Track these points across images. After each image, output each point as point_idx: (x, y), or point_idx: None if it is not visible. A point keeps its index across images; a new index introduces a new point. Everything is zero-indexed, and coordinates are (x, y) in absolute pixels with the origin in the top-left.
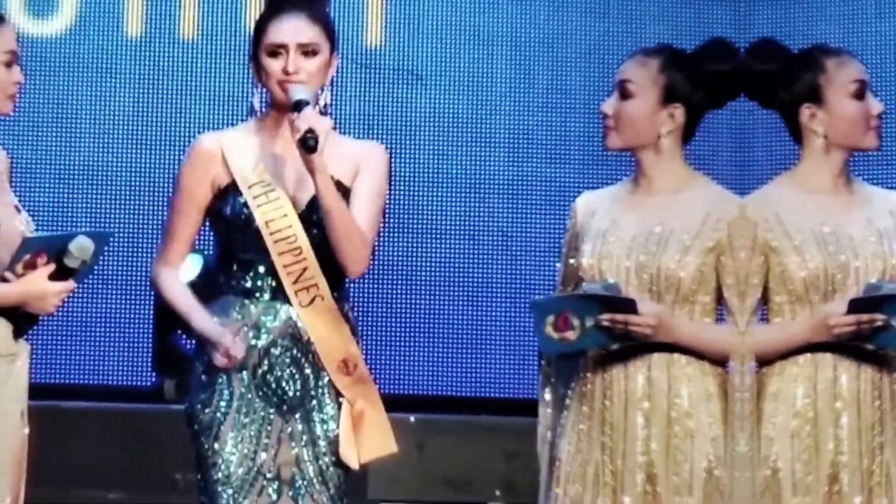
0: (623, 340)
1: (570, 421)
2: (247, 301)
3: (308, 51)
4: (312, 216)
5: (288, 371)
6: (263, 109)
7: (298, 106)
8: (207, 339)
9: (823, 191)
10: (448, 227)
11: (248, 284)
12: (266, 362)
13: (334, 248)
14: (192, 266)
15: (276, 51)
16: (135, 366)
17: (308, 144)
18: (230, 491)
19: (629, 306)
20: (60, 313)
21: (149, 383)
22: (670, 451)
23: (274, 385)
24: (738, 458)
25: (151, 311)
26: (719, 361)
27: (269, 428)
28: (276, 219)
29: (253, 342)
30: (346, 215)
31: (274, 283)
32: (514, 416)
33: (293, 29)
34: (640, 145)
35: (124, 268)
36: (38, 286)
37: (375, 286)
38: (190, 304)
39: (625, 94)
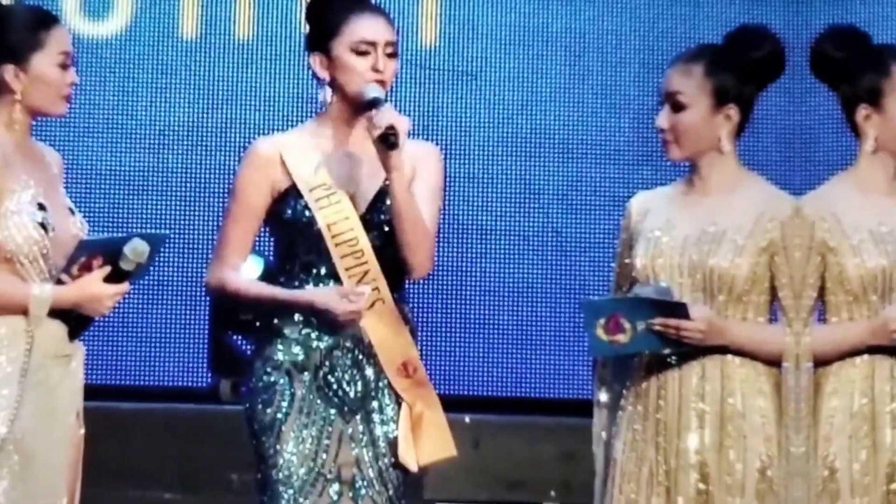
0: (674, 345)
1: (625, 421)
2: None
3: (391, 52)
4: (373, 218)
5: (349, 373)
6: (325, 106)
7: (374, 104)
8: (317, 307)
9: (880, 191)
10: (501, 228)
11: (310, 287)
12: (328, 364)
13: (403, 247)
14: (253, 269)
15: (365, 49)
16: (190, 367)
17: (389, 141)
18: (291, 491)
19: (681, 311)
20: (116, 315)
21: (204, 384)
22: (723, 451)
23: (335, 386)
24: (794, 458)
25: (206, 313)
26: (772, 361)
27: (329, 429)
28: (338, 221)
29: (314, 344)
30: (418, 215)
31: (335, 286)
32: (569, 416)
33: (381, 27)
34: (702, 151)
35: (179, 269)
36: (94, 288)
37: (430, 287)
38: (273, 289)
39: (677, 107)
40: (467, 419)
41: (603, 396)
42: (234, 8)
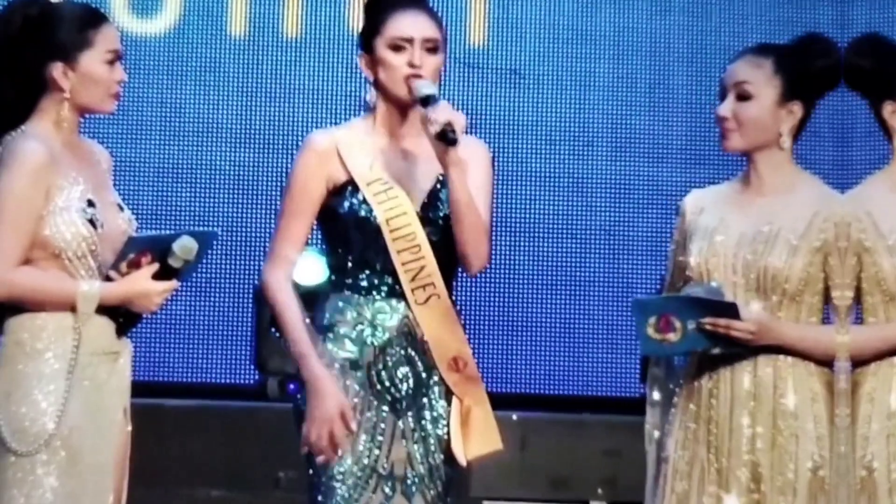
0: (724, 345)
1: (677, 419)
2: (363, 299)
3: (431, 47)
4: (429, 214)
5: (401, 369)
6: (371, 105)
7: (428, 101)
8: (314, 390)
9: None
10: (551, 226)
11: (365, 283)
12: (381, 361)
13: (461, 243)
14: (316, 268)
15: (401, 45)
16: (238, 364)
17: (448, 137)
18: (344, 487)
19: (731, 310)
20: (164, 312)
21: (252, 381)
22: (775, 451)
23: (388, 383)
24: (844, 459)
25: (253, 310)
26: (825, 362)
27: (382, 425)
28: (396, 216)
29: (368, 340)
30: (476, 210)
31: (390, 281)
32: (616, 414)
33: (419, 23)
34: (762, 145)
35: (227, 266)
36: (142, 285)
37: (479, 285)
38: (295, 332)
39: (742, 96)
40: (514, 417)
41: (655, 395)
42: (282, 5)
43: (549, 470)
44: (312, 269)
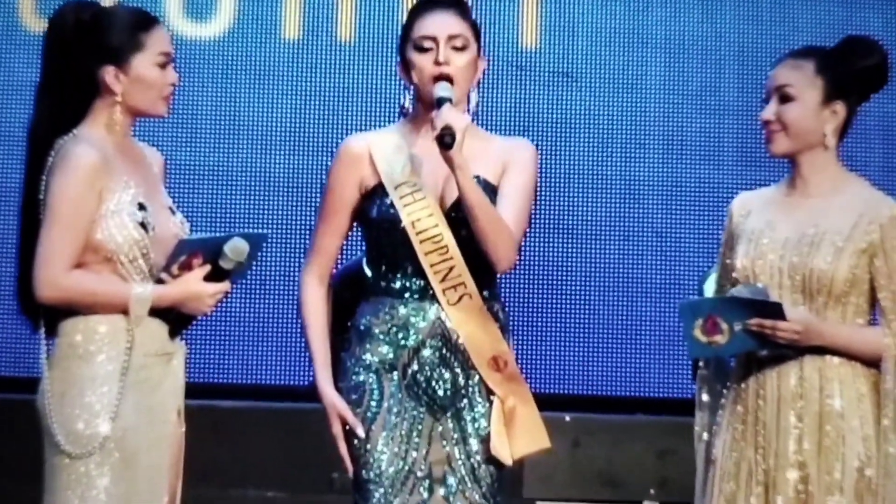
0: (771, 345)
1: (725, 420)
2: (396, 302)
3: (457, 45)
4: (460, 215)
5: (437, 371)
6: (412, 109)
7: (440, 103)
8: (325, 406)
9: None
10: (602, 228)
11: (397, 285)
12: (416, 362)
13: (481, 242)
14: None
15: (425, 44)
16: (291, 365)
17: (444, 141)
18: (381, 490)
19: (777, 311)
20: (218, 313)
21: (305, 382)
22: (822, 451)
23: (424, 385)
24: (892, 459)
25: None
26: (871, 362)
27: (419, 427)
28: (422, 218)
29: (402, 343)
30: (490, 210)
31: (422, 283)
32: (669, 415)
33: (442, 21)
34: (807, 147)
35: (280, 268)
36: (194, 287)
37: (531, 286)
38: (316, 341)
39: (785, 98)
40: (567, 418)
41: (704, 396)
42: (335, 9)
43: (602, 471)
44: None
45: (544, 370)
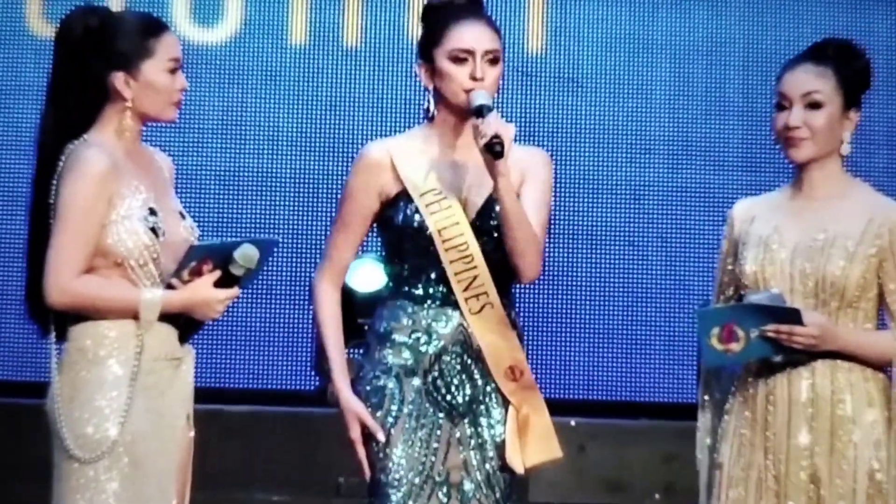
0: (787, 351)
1: (731, 425)
2: (418, 307)
3: (492, 59)
4: (483, 224)
5: (458, 377)
6: (431, 115)
7: (481, 111)
8: (343, 411)
9: None
10: (608, 233)
11: (419, 291)
12: (437, 368)
13: (511, 252)
14: (376, 275)
15: (463, 56)
16: (298, 369)
17: (494, 150)
18: (399, 494)
19: (794, 316)
20: (226, 318)
21: (312, 387)
22: (834, 457)
23: (444, 391)
24: None
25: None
26: (880, 367)
27: (438, 433)
28: (449, 227)
29: (424, 348)
30: (526, 220)
31: (444, 290)
32: (674, 419)
33: (480, 35)
34: (828, 153)
35: (288, 273)
36: (204, 293)
37: (536, 292)
38: (332, 347)
39: (814, 105)
40: (573, 422)
41: (708, 401)
42: (342, 15)
43: (607, 475)
44: (372, 275)
45: (550, 375)
